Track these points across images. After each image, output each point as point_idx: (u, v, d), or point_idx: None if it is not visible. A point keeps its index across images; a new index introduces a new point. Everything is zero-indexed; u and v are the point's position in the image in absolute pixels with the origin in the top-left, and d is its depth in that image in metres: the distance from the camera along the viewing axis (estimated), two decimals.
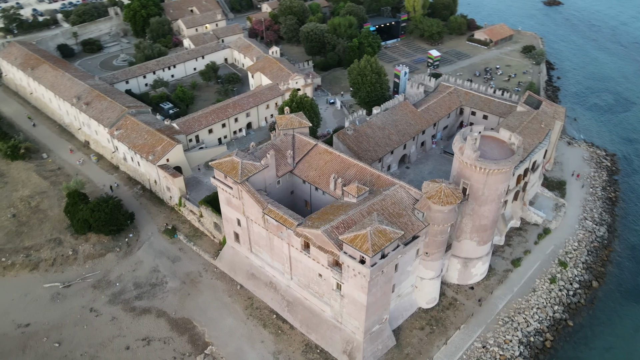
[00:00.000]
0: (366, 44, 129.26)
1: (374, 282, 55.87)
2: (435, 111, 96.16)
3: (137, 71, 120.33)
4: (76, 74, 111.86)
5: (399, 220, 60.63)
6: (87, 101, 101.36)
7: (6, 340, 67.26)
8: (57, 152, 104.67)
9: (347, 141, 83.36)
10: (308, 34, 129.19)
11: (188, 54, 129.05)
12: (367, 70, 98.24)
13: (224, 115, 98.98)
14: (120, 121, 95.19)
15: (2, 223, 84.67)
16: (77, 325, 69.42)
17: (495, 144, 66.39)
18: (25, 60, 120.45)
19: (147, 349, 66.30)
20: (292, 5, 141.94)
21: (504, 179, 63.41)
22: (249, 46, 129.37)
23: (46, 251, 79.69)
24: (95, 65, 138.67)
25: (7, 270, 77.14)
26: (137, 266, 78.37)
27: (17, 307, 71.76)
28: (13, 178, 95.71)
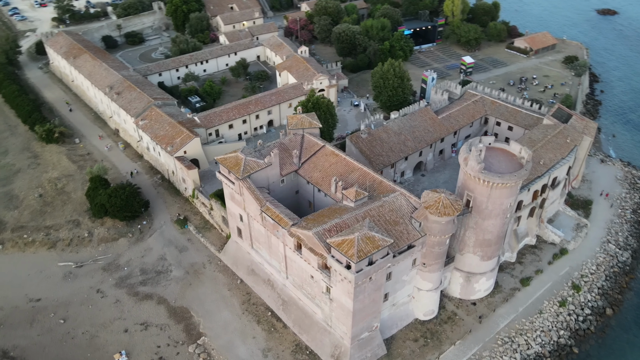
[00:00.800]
0: (398, 47, 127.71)
1: (360, 289, 55.18)
2: (457, 119, 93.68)
3: (171, 64, 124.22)
4: (113, 65, 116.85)
5: (395, 228, 59.60)
6: (119, 91, 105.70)
7: (17, 313, 71.35)
8: (88, 138, 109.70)
9: (359, 144, 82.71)
10: (339, 35, 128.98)
11: (221, 49, 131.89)
12: (390, 74, 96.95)
13: (245, 111, 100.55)
14: (146, 112, 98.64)
15: (29, 202, 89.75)
16: (83, 304, 72.65)
17: (504, 157, 63.94)
18: (69, 49, 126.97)
19: (144, 333, 68.46)
20: (327, 5, 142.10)
21: (510, 194, 60.96)
22: (281, 45, 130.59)
23: (64, 231, 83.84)
24: (135, 57, 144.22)
25: (27, 247, 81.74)
26: (146, 253, 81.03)
27: (31, 282, 75.95)
28: (45, 160, 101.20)
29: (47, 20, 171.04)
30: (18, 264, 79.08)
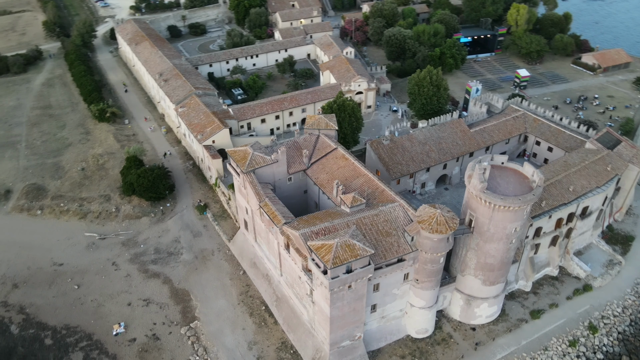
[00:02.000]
0: (448, 54, 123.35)
1: (338, 296, 54.47)
2: (491, 134, 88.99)
3: (221, 56, 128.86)
4: (168, 53, 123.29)
5: (386, 239, 58.06)
6: (166, 78, 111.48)
7: (40, 274, 77.87)
8: (137, 120, 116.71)
9: (379, 151, 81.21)
10: (389, 38, 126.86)
11: (272, 45, 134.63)
12: (426, 81, 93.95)
13: (278, 107, 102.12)
14: (187, 100, 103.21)
15: (72, 174, 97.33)
16: (97, 274, 77.77)
17: (516, 179, 59.95)
18: (133, 36, 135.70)
19: (144, 309, 72.07)
20: (383, 7, 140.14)
21: (513, 218, 57.12)
22: (331, 44, 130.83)
23: (96, 204, 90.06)
24: (194, 47, 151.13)
25: (62, 215, 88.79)
26: (163, 233, 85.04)
27: (58, 248, 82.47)
28: (94, 137, 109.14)
29: (126, 8, 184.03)
30: (51, 229, 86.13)
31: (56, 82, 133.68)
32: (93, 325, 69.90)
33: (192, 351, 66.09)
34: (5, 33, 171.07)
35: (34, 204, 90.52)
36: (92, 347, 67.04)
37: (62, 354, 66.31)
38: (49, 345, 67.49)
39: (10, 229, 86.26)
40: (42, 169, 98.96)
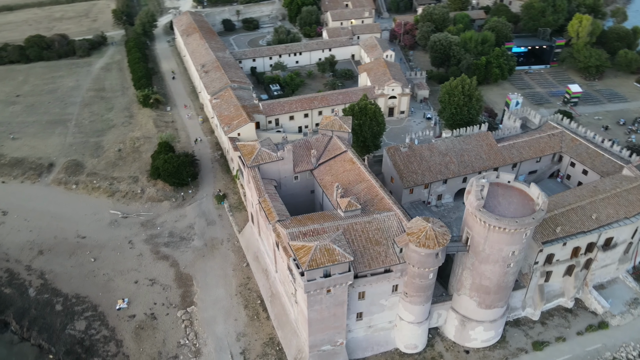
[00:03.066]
0: (495, 64, 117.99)
1: (315, 299, 54.14)
2: (521, 151, 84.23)
3: (265, 52, 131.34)
4: (214, 46, 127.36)
5: (374, 247, 56.86)
6: (207, 70, 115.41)
7: (64, 244, 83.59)
8: (179, 108, 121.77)
9: (395, 157, 79.43)
10: (434, 44, 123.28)
11: (316, 44, 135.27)
12: (457, 90, 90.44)
13: (307, 106, 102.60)
14: (222, 92, 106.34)
15: (109, 154, 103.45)
16: (114, 250, 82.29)
17: (520, 199, 56.44)
18: (187, 27, 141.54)
19: (149, 288, 75.40)
20: (434, 12, 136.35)
21: (510, 241, 53.86)
22: (375, 46, 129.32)
23: (124, 184, 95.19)
24: (245, 42, 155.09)
25: (93, 191, 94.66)
26: (180, 218, 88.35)
27: (84, 221, 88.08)
28: (136, 121, 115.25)
29: (190, 1, 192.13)
30: (81, 203, 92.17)
31: (113, 67, 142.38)
32: (100, 298, 74.15)
33: (183, 334, 68.35)
34: (79, 19, 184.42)
35: (71, 179, 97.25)
36: (95, 318, 71.19)
37: (68, 320, 70.96)
38: (58, 310, 72.46)
39: (47, 199, 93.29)
40: (84, 147, 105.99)
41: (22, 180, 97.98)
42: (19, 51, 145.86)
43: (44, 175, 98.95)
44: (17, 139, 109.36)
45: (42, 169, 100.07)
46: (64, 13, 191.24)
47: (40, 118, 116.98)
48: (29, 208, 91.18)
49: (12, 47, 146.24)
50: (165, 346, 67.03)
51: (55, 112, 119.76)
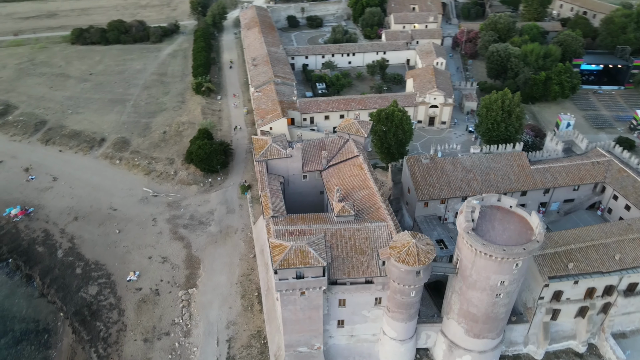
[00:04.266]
0: (555, 80, 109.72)
1: (289, 299, 54.16)
2: (556, 176, 77.90)
3: (318, 50, 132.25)
4: (269, 41, 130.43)
5: (357, 256, 55.64)
6: (257, 63, 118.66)
7: (97, 213, 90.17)
8: (229, 97, 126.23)
9: (414, 168, 76.82)
10: (492, 54, 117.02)
11: (371, 46, 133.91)
12: (496, 105, 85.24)
13: (344, 107, 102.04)
14: (265, 86, 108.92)
15: (154, 135, 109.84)
16: (138, 225, 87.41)
17: (518, 227, 52.40)
18: (249, 21, 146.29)
19: (159, 265, 79.33)
20: (498, 21, 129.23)
21: (498, 270, 50.22)
22: (430, 52, 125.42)
23: (161, 165, 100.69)
24: (305, 39, 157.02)
25: (133, 168, 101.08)
26: (203, 203, 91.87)
27: (119, 195, 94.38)
28: (186, 106, 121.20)
29: None
30: (120, 178, 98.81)
31: (179, 54, 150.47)
32: (115, 268, 79.26)
33: (179, 314, 71.27)
34: (161, 7, 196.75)
35: (116, 154, 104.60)
36: (106, 286, 76.28)
37: (83, 284, 76.70)
38: (77, 274, 78.54)
39: (92, 171, 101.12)
40: (135, 126, 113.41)
41: (76, 151, 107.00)
42: (100, 33, 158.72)
43: (95, 148, 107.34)
44: (80, 113, 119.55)
45: (95, 142, 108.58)
46: (149, 1, 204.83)
47: (104, 96, 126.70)
48: (76, 177, 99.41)
49: (95, 29, 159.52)
50: (160, 322, 70.32)
51: (118, 91, 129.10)
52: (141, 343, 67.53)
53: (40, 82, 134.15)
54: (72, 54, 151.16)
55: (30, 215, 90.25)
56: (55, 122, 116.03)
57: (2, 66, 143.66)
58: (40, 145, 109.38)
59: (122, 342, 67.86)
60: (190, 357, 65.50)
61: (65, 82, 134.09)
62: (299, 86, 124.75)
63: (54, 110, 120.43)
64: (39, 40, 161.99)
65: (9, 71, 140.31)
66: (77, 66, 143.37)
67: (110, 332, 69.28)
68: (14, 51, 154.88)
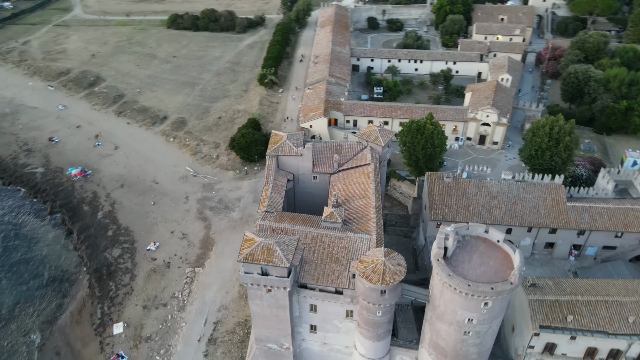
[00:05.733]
0: (638, 112, 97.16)
1: (256, 294, 54.81)
2: (596, 217, 69.37)
3: (385, 54, 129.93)
4: (337, 40, 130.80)
5: (331, 264, 54.61)
6: (317, 61, 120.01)
7: (140, 184, 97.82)
8: (290, 91, 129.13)
9: (433, 186, 73.06)
10: (569, 75, 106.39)
11: (440, 55, 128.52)
12: (543, 131, 77.56)
13: (388, 114, 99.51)
14: (318, 84, 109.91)
15: (210, 119, 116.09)
16: (171, 200, 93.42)
17: (498, 264, 47.75)
18: (326, 19, 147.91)
19: (178, 241, 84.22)
20: (587, 39, 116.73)
21: (464, 305, 46.34)
22: (503, 67, 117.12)
23: (206, 148, 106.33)
24: (380, 42, 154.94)
25: (183, 147, 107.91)
26: (234, 190, 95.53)
27: (164, 170, 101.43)
28: (247, 96, 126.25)
29: None
30: (170, 154, 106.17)
31: (257, 46, 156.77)
32: (140, 236, 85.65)
33: (180, 289, 75.24)
34: (255, 0, 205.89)
35: (172, 133, 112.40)
36: (128, 251, 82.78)
37: (110, 245, 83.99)
38: (108, 235, 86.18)
39: (149, 144, 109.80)
40: (196, 109, 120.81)
41: (141, 125, 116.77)
42: (192, 20, 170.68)
43: (156, 124, 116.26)
44: (154, 91, 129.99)
45: (158, 119, 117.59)
46: None
47: (178, 78, 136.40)
48: (134, 148, 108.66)
49: (189, 16, 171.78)
50: (162, 293, 74.86)
51: (192, 75, 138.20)
52: (140, 309, 72.53)
53: (130, 59, 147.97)
54: (164, 37, 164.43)
55: (87, 177, 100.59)
56: (131, 96, 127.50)
57: (104, 42, 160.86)
58: (114, 116, 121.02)
59: (125, 304, 73.44)
60: (177, 330, 69.03)
61: (150, 62, 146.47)
62: (357, 88, 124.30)
63: (133, 86, 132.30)
64: (142, 22, 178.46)
65: (108, 47, 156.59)
66: (165, 48, 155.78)
67: (118, 293, 75.26)
68: (118, 30, 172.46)
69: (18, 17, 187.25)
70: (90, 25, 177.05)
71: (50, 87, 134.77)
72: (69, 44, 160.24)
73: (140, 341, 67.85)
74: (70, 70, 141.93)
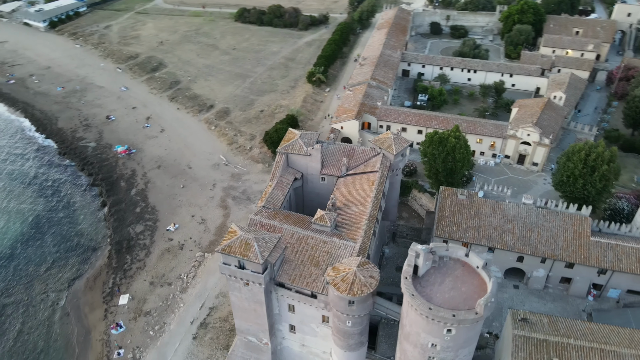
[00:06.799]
0: None
1: (234, 285, 55.70)
2: (621, 258, 62.92)
3: (437, 61, 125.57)
4: (389, 43, 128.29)
5: (309, 267, 54.31)
6: (364, 63, 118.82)
7: (175, 167, 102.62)
8: (338, 90, 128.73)
9: (445, 201, 70.00)
10: (634, 98, 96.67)
11: (497, 66, 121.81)
12: (577, 157, 70.95)
13: (423, 123, 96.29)
14: (358, 85, 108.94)
15: (253, 112, 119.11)
16: (199, 186, 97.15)
17: (472, 291, 44.89)
18: (384, 22, 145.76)
19: (196, 225, 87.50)
20: None
21: (427, 328, 44.08)
22: (563, 84, 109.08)
23: (242, 139, 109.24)
24: (440, 48, 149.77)
25: (222, 136, 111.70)
26: (260, 182, 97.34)
27: (199, 156, 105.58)
28: (294, 92, 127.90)
29: None
30: (208, 142, 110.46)
31: (315, 44, 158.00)
32: (164, 216, 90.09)
33: (187, 271, 78.22)
34: None
35: (214, 121, 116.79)
36: (150, 228, 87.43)
37: (135, 221, 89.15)
38: (135, 211, 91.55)
39: (191, 130, 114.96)
40: (242, 101, 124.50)
41: (188, 112, 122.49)
42: (258, 15, 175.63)
43: (202, 112, 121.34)
44: (208, 80, 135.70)
45: (204, 107, 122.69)
46: None
47: (233, 70, 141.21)
48: (177, 133, 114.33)
49: (255, 10, 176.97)
50: (170, 272, 78.34)
51: (246, 67, 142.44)
52: (147, 284, 76.48)
53: (193, 49, 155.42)
54: (229, 30, 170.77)
55: (130, 155, 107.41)
56: (185, 84, 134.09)
57: (174, 31, 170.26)
58: (167, 101, 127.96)
59: (135, 278, 77.79)
60: (175, 310, 71.98)
61: (211, 52, 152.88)
62: (403, 94, 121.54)
63: (190, 74, 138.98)
64: (213, 14, 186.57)
65: (176, 36, 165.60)
66: (227, 40, 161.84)
67: (131, 267, 79.85)
68: (190, 20, 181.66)
69: (106, 2, 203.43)
70: (166, 14, 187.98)
71: (118, 69, 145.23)
72: (143, 31, 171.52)
73: (140, 314, 71.57)
74: (139, 55, 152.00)
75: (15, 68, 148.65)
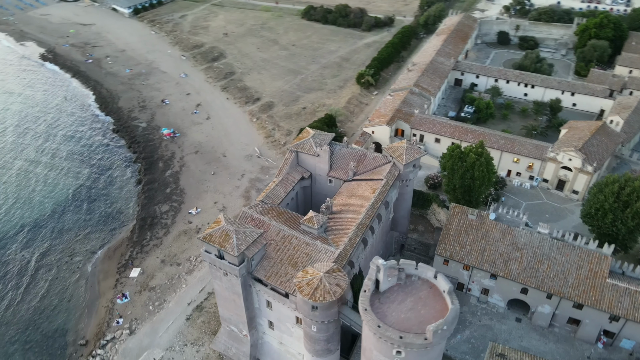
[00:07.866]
0: None
1: (215, 274, 57.22)
2: (638, 307, 56.22)
3: (493, 72, 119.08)
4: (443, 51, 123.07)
5: (287, 266, 54.33)
6: (412, 69, 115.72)
7: (211, 153, 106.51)
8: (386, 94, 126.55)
9: (453, 218, 66.66)
10: None
11: (558, 83, 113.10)
12: (609, 190, 63.85)
13: (457, 135, 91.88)
14: (400, 91, 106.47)
15: (295, 108, 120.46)
16: (229, 175, 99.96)
17: (433, 314, 42.44)
18: (446, 28, 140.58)
19: (216, 212, 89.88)
20: None
21: (377, 346, 42.50)
22: (628, 108, 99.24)
23: (279, 133, 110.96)
24: (503, 59, 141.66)
25: (261, 129, 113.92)
26: None
27: (236, 146, 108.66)
28: (340, 92, 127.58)
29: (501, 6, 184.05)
30: (247, 133, 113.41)
31: (373, 46, 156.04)
32: (190, 199, 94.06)
33: (196, 255, 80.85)
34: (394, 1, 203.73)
35: (257, 114, 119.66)
36: (174, 209, 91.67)
37: (163, 201, 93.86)
38: (165, 191, 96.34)
39: (234, 120, 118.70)
40: (287, 96, 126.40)
41: (236, 102, 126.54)
42: (324, 13, 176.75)
43: (248, 104, 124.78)
44: (261, 73, 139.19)
45: (251, 99, 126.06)
46: None
47: (287, 65, 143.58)
48: (221, 121, 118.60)
49: (321, 8, 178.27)
50: (182, 254, 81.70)
51: (300, 64, 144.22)
52: (158, 261, 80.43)
53: (254, 42, 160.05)
54: (293, 26, 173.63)
55: (174, 138, 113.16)
56: (239, 75, 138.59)
57: (241, 24, 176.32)
58: (219, 90, 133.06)
59: (149, 254, 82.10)
60: (177, 290, 75.08)
61: (270, 47, 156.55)
62: (451, 103, 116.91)
63: (245, 67, 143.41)
64: (282, 10, 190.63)
65: (242, 29, 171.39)
66: (289, 36, 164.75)
67: (149, 243, 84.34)
68: (259, 14, 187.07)
69: None
70: (238, 8, 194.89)
71: (182, 57, 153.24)
72: (213, 22, 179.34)
73: (146, 289, 75.50)
74: (204, 44, 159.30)
75: (96, 49, 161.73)
